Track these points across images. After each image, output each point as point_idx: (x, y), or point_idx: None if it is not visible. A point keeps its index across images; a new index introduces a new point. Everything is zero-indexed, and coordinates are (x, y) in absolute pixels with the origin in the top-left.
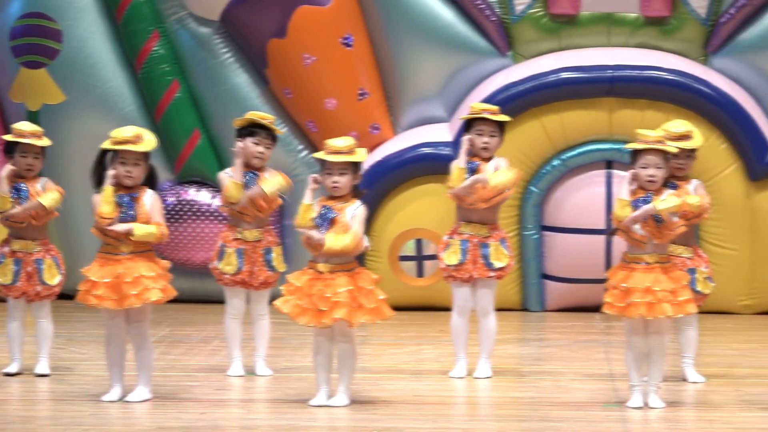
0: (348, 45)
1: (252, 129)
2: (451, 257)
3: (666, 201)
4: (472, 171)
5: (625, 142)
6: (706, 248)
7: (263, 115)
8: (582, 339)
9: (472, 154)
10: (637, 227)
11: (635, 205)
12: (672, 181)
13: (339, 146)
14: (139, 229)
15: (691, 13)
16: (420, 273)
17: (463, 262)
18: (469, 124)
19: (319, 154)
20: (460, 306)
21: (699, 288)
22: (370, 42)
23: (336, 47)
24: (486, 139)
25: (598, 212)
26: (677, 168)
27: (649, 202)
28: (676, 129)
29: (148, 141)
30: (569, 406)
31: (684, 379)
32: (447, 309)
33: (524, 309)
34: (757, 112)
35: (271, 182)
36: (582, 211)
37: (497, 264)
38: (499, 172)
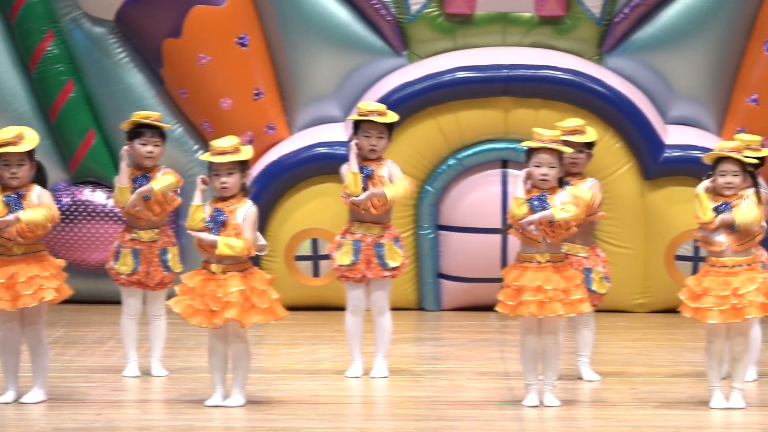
0: (243, 45)
1: (138, 130)
2: (343, 257)
3: (564, 210)
4: (368, 177)
5: (521, 141)
6: (601, 247)
7: (147, 113)
8: (478, 338)
9: (363, 157)
10: (531, 227)
11: (530, 203)
12: (567, 179)
13: (224, 146)
14: (24, 215)
15: (585, 13)
16: (316, 273)
17: (355, 262)
18: (357, 126)
19: (205, 156)
20: (354, 306)
21: (595, 287)
22: (265, 42)
23: (231, 47)
24: (374, 141)
25: (493, 211)
26: (571, 163)
27: (543, 201)
28: (568, 124)
29: (30, 139)
30: (465, 405)
31: (580, 378)
32: (343, 309)
33: (420, 308)
34: (651, 111)
35: (161, 180)
36: (478, 210)
37: (392, 263)
38: (396, 185)
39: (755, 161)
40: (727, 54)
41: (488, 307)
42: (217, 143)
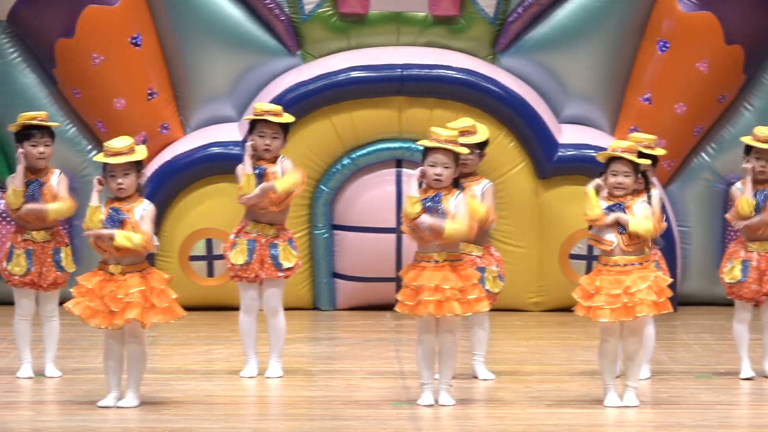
0: (137, 45)
1: (27, 132)
2: (237, 257)
3: (455, 223)
4: (260, 176)
5: (415, 140)
6: (495, 246)
7: (34, 114)
8: (373, 337)
9: (258, 157)
10: (425, 226)
11: (424, 203)
12: (461, 180)
13: (118, 147)
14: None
15: (479, 13)
16: (210, 273)
17: (249, 262)
18: (252, 126)
19: (100, 157)
20: (248, 305)
21: (488, 287)
22: (159, 41)
23: (125, 47)
24: (268, 141)
25: (388, 211)
26: (461, 164)
27: (437, 202)
28: (458, 124)
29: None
30: (360, 404)
31: (475, 377)
32: (238, 309)
33: (315, 308)
34: (544, 111)
35: (285, 180)
36: (372, 210)
37: (286, 264)
38: (285, 178)
39: (647, 162)
40: (620, 53)
41: (383, 307)
42: (112, 144)
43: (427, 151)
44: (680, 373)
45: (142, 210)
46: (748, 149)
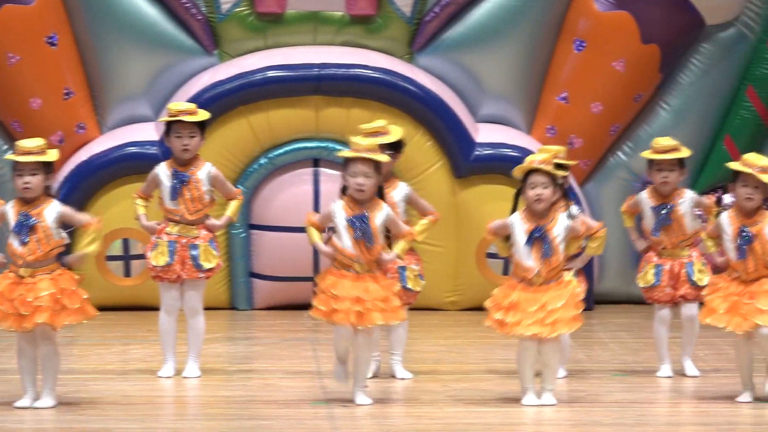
0: (53, 44)
1: None
2: (158, 258)
3: (397, 247)
4: (183, 183)
5: (332, 140)
6: (414, 245)
7: None
8: (290, 337)
9: (180, 162)
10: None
11: (350, 222)
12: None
13: (29, 147)
14: None
15: (396, 12)
16: (127, 273)
17: (170, 263)
18: (168, 127)
19: (10, 156)
20: (169, 305)
21: (410, 285)
22: (75, 41)
23: (41, 46)
24: (186, 141)
25: (305, 210)
26: None
27: (365, 222)
28: (373, 125)
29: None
30: (278, 404)
31: (393, 376)
32: (155, 308)
33: (233, 308)
34: (462, 110)
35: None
36: (289, 209)
37: (206, 265)
38: (232, 209)
39: (565, 173)
40: (536, 53)
41: (301, 306)
42: (23, 143)
43: (348, 161)
44: (597, 371)
45: (55, 212)
46: (651, 162)
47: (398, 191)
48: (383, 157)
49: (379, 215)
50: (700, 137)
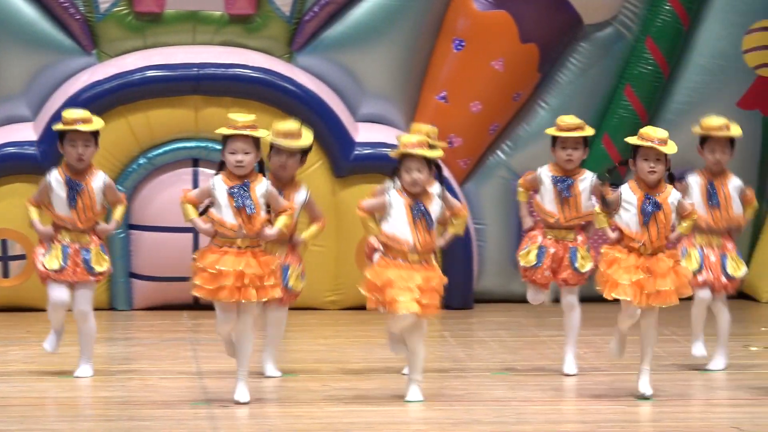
0: None
1: None
2: (52, 261)
3: (278, 222)
4: (77, 192)
5: (212, 140)
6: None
7: None
8: (170, 337)
9: (73, 170)
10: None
11: (231, 192)
12: (278, 186)
13: None
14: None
15: (275, 11)
16: (5, 273)
17: (64, 267)
18: (62, 135)
19: None
20: (55, 302)
21: (291, 284)
22: None
23: None
24: (80, 150)
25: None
26: (280, 166)
27: (246, 189)
28: (286, 126)
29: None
30: (158, 404)
31: (262, 374)
32: (34, 309)
33: (112, 308)
34: (341, 109)
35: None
36: (169, 209)
37: (98, 268)
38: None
39: (440, 154)
40: (416, 52)
41: (180, 306)
42: None
43: (226, 139)
44: (476, 369)
45: None
46: (555, 140)
47: (300, 194)
48: (262, 132)
49: (259, 187)
50: None
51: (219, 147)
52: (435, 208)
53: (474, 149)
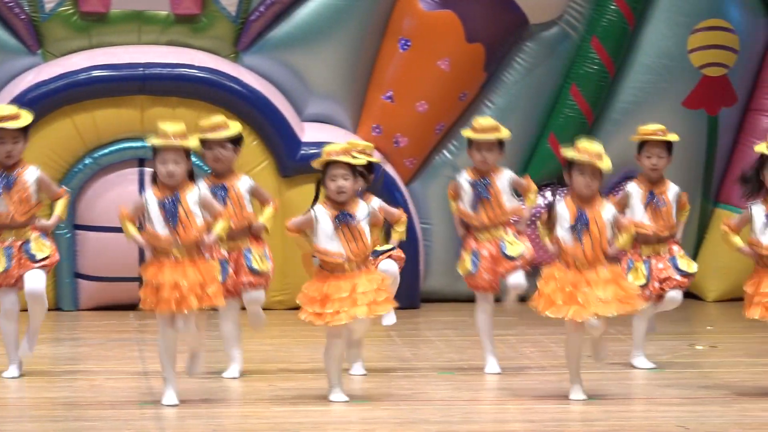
0: None
1: None
2: None
3: (217, 227)
4: (8, 187)
5: None
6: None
7: None
8: (116, 337)
9: (4, 166)
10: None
11: (161, 204)
12: (218, 181)
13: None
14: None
15: (221, 11)
16: None
17: (8, 268)
18: None
19: None
20: (8, 310)
21: (255, 266)
22: None
23: None
24: (9, 147)
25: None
26: (214, 160)
27: (176, 201)
28: (211, 121)
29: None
30: (104, 405)
31: (221, 375)
32: None
33: (57, 309)
34: (287, 109)
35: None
36: (115, 209)
37: (39, 255)
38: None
39: (362, 162)
40: (362, 52)
41: (126, 306)
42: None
43: (157, 149)
44: (423, 369)
45: None
46: (470, 142)
47: (243, 183)
48: (192, 142)
49: (190, 195)
50: (525, 136)
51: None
52: (362, 212)
53: (420, 149)
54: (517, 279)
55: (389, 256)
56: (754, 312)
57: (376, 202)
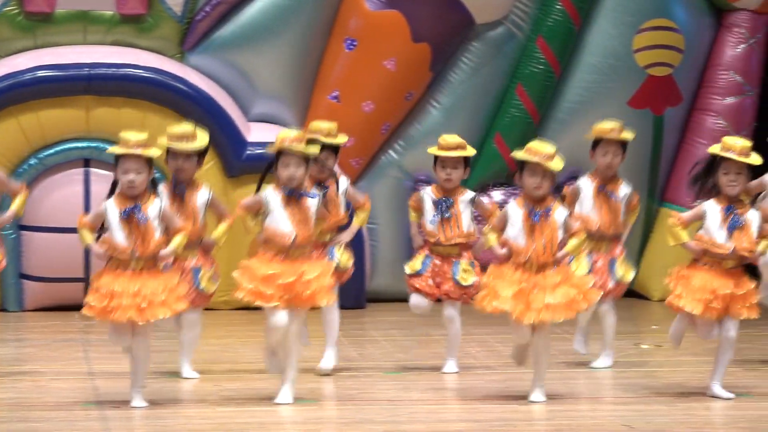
0: None
1: None
2: None
3: (174, 242)
4: None
5: (103, 140)
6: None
7: None
8: (61, 338)
9: None
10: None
11: (124, 213)
12: (181, 185)
13: None
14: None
15: (167, 11)
16: None
17: None
18: None
19: None
20: None
21: (203, 286)
22: None
23: None
24: None
25: (76, 211)
26: (178, 170)
27: (139, 210)
28: (179, 129)
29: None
30: (49, 406)
31: (179, 375)
32: None
33: (2, 309)
34: (233, 109)
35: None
36: (60, 210)
37: None
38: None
39: (315, 151)
40: (308, 52)
41: (72, 307)
42: None
43: (118, 158)
44: (369, 369)
45: None
46: (436, 159)
47: (201, 195)
48: (155, 151)
49: (151, 208)
50: (471, 135)
51: (111, 147)
52: (312, 203)
53: (366, 149)
54: (453, 312)
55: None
56: (695, 306)
57: (344, 183)
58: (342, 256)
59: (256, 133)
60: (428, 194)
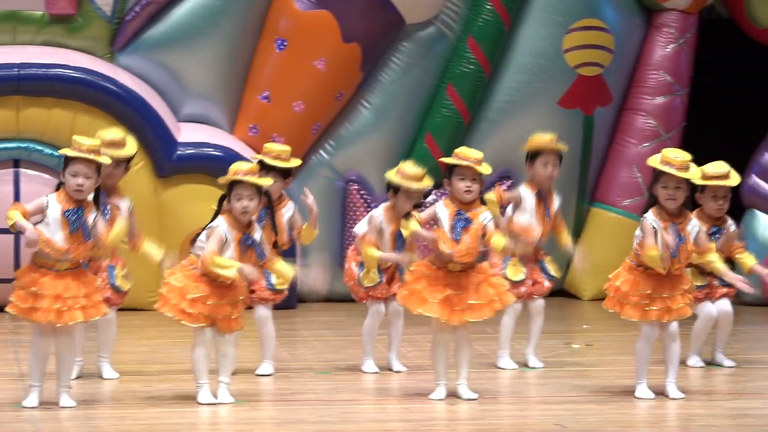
0: None
1: None
2: None
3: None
4: None
5: (33, 140)
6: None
7: None
8: None
9: None
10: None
11: (66, 215)
12: (107, 193)
13: None
14: None
15: (96, 11)
16: None
17: None
18: None
19: None
20: None
21: (118, 284)
22: None
23: None
24: None
25: (5, 212)
26: (108, 176)
27: (80, 216)
28: (109, 135)
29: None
30: None
31: (100, 376)
32: None
33: None
34: (164, 109)
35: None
36: None
37: None
38: None
39: (269, 183)
40: (238, 51)
41: (1, 308)
42: None
43: (68, 160)
44: (301, 369)
45: None
46: (396, 189)
47: (124, 202)
48: (105, 159)
49: (91, 214)
50: (402, 135)
51: (40, 147)
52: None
53: (297, 149)
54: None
55: None
56: (632, 313)
57: (290, 209)
58: (277, 280)
59: (187, 133)
60: (382, 220)
